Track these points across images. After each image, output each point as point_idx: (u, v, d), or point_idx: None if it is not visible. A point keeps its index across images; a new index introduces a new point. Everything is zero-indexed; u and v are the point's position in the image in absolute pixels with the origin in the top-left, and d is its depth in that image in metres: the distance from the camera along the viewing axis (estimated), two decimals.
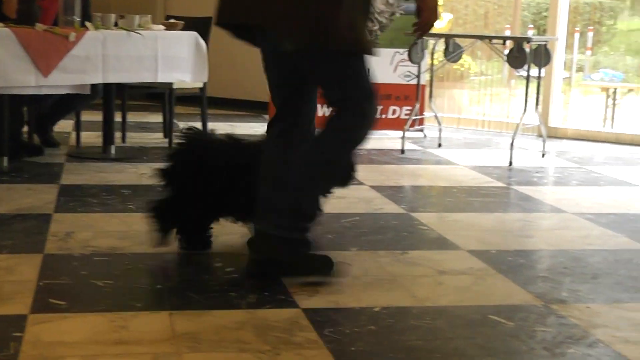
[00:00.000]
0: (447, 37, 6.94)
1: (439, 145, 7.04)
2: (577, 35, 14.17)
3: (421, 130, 7.44)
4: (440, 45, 7.07)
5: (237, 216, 3.69)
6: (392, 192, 5.15)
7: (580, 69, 15.15)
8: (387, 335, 2.80)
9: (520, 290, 3.33)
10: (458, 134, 7.84)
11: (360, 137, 3.31)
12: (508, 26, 9.93)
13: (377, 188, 5.24)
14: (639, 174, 6.04)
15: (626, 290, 3.37)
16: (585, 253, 3.92)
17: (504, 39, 6.62)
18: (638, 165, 6.47)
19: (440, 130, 7.17)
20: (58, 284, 3.23)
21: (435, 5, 3.31)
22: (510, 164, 6.22)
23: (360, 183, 5.35)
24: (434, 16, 3.31)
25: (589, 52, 15.41)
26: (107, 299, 3.06)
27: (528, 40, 6.27)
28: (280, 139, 3.38)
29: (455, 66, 8.61)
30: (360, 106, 3.28)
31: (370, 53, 3.26)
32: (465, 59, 9.04)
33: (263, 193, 3.31)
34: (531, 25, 14.93)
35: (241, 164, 3.56)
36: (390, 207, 4.74)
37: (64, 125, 6.69)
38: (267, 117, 7.53)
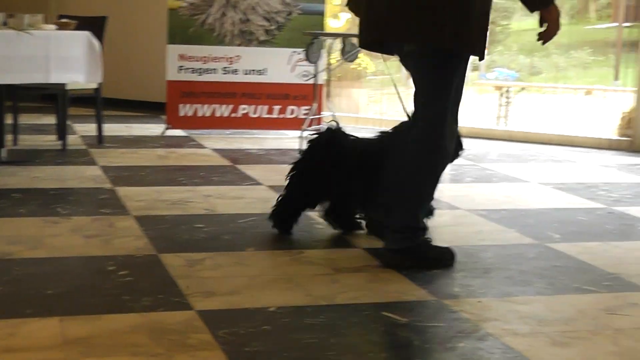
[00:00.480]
0: (344, 37, 7.00)
1: None
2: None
3: None
4: (337, 44, 7.13)
5: (361, 205, 4.09)
6: None
7: (475, 68, 15.46)
8: (282, 335, 2.81)
9: (414, 287, 3.39)
10: (356, 134, 7.87)
11: (432, 166, 3.63)
12: None
13: (275, 188, 5.24)
14: (530, 171, 6.21)
15: (516, 284, 3.46)
16: (477, 248, 4.01)
17: None
18: (530, 162, 6.65)
19: None
20: None
21: (558, 17, 3.54)
22: None
23: (258, 183, 5.36)
24: (557, 27, 3.55)
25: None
26: None
27: None
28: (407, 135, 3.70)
29: (352, 66, 8.69)
30: (438, 140, 3.59)
31: (482, 58, 3.55)
32: (363, 58, 9.14)
33: (392, 188, 3.66)
34: None
35: (371, 158, 3.95)
36: None
37: None
38: (164, 117, 7.45)
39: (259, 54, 7.37)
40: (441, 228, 4.50)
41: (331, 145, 4.04)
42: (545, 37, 3.57)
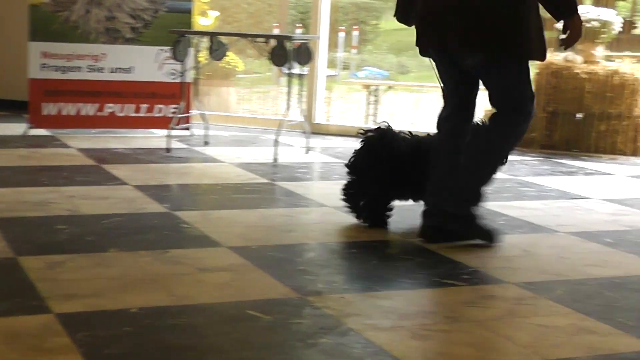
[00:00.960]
0: (211, 35, 6.97)
1: (206, 143, 7.06)
2: (342, 35, 14.59)
3: (188, 129, 7.43)
4: (205, 43, 7.09)
5: (413, 196, 4.52)
6: (156, 192, 5.11)
7: (347, 66, 15.65)
8: (143, 336, 2.78)
9: (279, 285, 3.40)
10: (226, 132, 7.89)
11: (521, 133, 4.09)
12: (276, 24, 10.11)
13: (140, 188, 5.18)
14: None
15: (378, 279, 3.53)
16: (343, 245, 4.06)
17: (266, 37, 6.71)
18: None
19: (206, 128, 7.19)
20: None
21: (580, 24, 3.97)
22: (275, 160, 6.34)
23: (124, 183, 5.29)
24: (579, 34, 3.98)
25: (354, 51, 15.95)
26: None
27: (290, 38, 6.41)
28: (452, 132, 4.18)
29: (222, 64, 8.66)
30: (523, 108, 4.03)
31: (543, 60, 4.13)
32: (233, 57, 9.12)
33: (437, 177, 4.15)
34: (299, 24, 15.28)
35: (416, 154, 4.39)
36: (153, 207, 4.70)
37: None
38: (26, 116, 7.25)
39: (126, 52, 7.25)
40: (308, 225, 4.54)
41: (385, 142, 4.46)
42: (568, 42, 4.01)
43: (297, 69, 6.92)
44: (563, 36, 4.02)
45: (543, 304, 3.31)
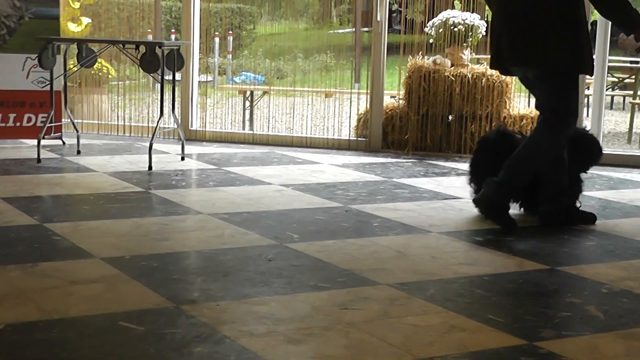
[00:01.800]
0: (79, 42, 6.83)
1: (78, 152, 6.92)
2: (217, 40, 14.55)
3: (59, 138, 7.26)
4: (74, 49, 6.94)
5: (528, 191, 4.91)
6: (26, 203, 4.98)
7: (223, 72, 15.60)
8: (10, 353, 2.70)
9: (153, 294, 3.36)
10: (99, 140, 7.75)
11: (563, 137, 4.73)
12: (149, 30, 9.98)
13: (9, 200, 5.04)
14: (273, 173, 6.33)
15: (254, 286, 3.52)
16: (218, 252, 4.04)
17: (135, 43, 6.59)
18: (273, 164, 6.79)
19: (78, 137, 7.05)
20: None
21: None
22: (150, 168, 6.26)
23: None
24: None
25: (230, 56, 15.90)
26: None
27: (160, 45, 6.34)
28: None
29: (93, 71, 8.49)
30: (561, 112, 4.67)
31: (591, 74, 5.07)
32: (105, 63, 8.95)
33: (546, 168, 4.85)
34: (173, 30, 15.14)
35: None
36: (22, 219, 4.58)
37: None
38: None
39: None
40: (184, 233, 4.51)
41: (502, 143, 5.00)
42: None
43: (169, 75, 6.86)
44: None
45: (416, 303, 3.38)
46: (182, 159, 6.78)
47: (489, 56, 5.04)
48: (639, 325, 3.20)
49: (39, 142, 6.53)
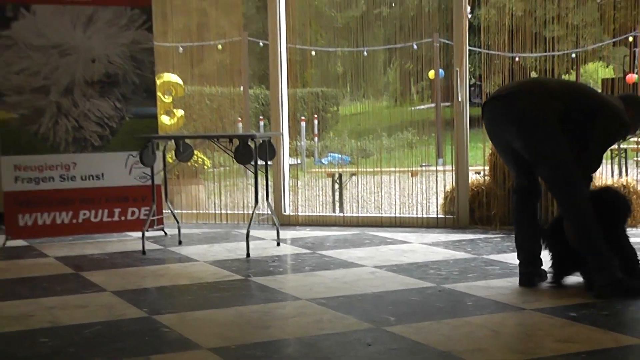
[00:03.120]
0: (176, 139, 7.06)
1: (179, 242, 7.10)
2: (303, 124, 14.81)
3: (162, 229, 7.47)
4: (172, 145, 7.17)
5: None
6: (134, 296, 5.12)
7: (310, 154, 15.79)
8: None
9: None
10: (198, 229, 7.93)
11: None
12: (240, 119, 10.23)
13: (118, 293, 5.19)
14: (364, 254, 6.38)
15: None
16: (318, 338, 4.08)
17: (229, 137, 6.75)
18: (364, 246, 6.84)
19: (179, 227, 7.23)
20: None
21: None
22: (248, 255, 6.38)
23: (102, 289, 5.30)
24: None
25: (316, 139, 16.12)
26: None
27: (252, 137, 6.50)
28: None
29: (190, 163, 8.73)
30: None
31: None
32: (200, 155, 9.20)
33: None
34: (261, 117, 15.45)
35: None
36: (131, 312, 4.71)
37: None
38: (3, 228, 7.25)
39: (95, 159, 7.33)
40: (284, 320, 4.57)
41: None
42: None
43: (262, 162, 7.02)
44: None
45: None
46: (278, 244, 6.89)
47: None
48: None
49: (143, 235, 6.73)
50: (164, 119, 8.71)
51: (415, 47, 9.05)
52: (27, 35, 7.17)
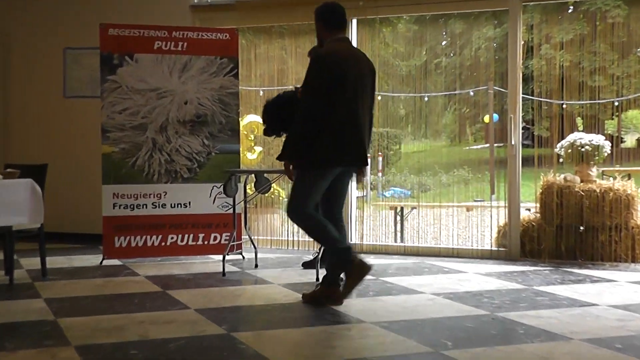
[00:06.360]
0: (256, 173, 7.08)
1: (256, 266, 7.09)
2: (369, 160, 14.77)
3: (240, 254, 7.47)
4: (252, 178, 7.19)
5: None
6: (215, 314, 5.11)
7: (374, 187, 15.73)
8: None
9: None
10: (273, 254, 7.92)
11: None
12: None
13: (201, 311, 5.19)
14: (424, 282, 6.28)
15: None
16: (381, 359, 4.01)
17: None
18: (424, 274, 6.74)
19: (256, 252, 7.23)
20: None
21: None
22: (317, 279, 6.33)
23: (186, 307, 5.30)
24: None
25: (380, 174, 16.07)
26: None
27: None
28: None
29: (267, 195, 8.75)
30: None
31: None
32: (277, 187, 9.21)
33: None
34: None
35: None
36: (212, 329, 4.70)
37: None
38: (101, 248, 7.35)
39: (184, 189, 7.39)
40: (350, 341, 4.50)
41: None
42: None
43: None
44: None
45: None
46: None
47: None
48: None
49: (224, 258, 6.74)
50: (248, 156, 8.76)
51: (471, 93, 8.97)
52: (130, 79, 7.31)
